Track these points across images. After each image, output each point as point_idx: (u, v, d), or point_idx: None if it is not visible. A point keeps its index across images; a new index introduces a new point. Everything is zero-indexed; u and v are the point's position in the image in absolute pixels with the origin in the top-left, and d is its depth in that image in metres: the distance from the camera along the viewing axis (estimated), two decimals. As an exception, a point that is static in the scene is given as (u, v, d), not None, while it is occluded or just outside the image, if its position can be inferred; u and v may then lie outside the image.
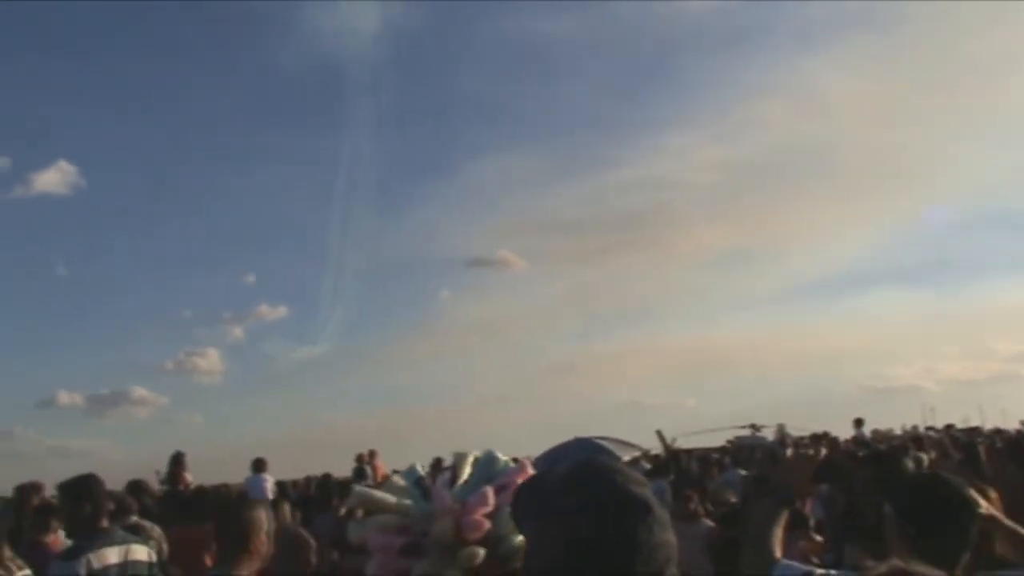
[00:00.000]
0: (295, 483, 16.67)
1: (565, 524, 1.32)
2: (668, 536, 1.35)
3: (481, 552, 2.58)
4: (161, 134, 47.31)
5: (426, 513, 2.71)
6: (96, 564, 4.21)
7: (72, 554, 4.27)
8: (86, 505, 4.41)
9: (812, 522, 7.00)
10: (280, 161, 48.25)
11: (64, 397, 37.95)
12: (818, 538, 6.15)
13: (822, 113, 49.77)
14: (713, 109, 52.07)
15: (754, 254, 54.04)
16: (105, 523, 4.46)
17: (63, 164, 38.09)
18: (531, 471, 2.80)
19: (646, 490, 1.38)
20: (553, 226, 51.04)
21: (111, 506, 4.75)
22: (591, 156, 53.69)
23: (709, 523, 8.40)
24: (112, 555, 4.29)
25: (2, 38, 43.61)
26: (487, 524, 2.61)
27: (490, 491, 2.67)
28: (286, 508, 9.42)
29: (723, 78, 52.52)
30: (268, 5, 45.67)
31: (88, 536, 4.38)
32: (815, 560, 5.56)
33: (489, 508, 2.63)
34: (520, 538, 2.69)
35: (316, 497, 13.50)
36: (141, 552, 4.47)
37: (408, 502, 2.78)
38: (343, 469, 16.07)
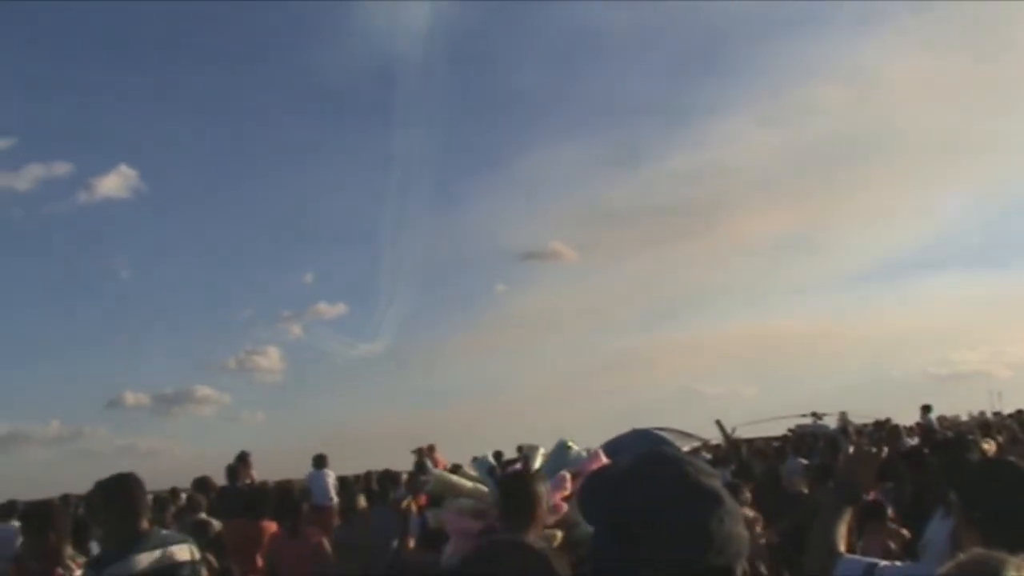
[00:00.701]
0: (356, 477, 16.83)
1: (635, 516, 1.32)
2: (739, 528, 1.35)
3: (559, 535, 2.61)
4: (218, 136, 48.24)
5: (503, 498, 2.74)
6: (127, 571, 4.09)
7: (100, 563, 4.20)
8: (119, 507, 4.29)
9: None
10: (336, 160, 48.92)
11: (131, 397, 38.94)
12: (904, 532, 5.97)
13: (879, 95, 49.01)
14: (767, 94, 51.53)
15: (813, 239, 53.30)
16: (143, 525, 4.31)
17: (124, 168, 39.11)
18: (604, 459, 2.82)
19: (716, 481, 1.38)
20: (607, 216, 50.95)
21: (145, 507, 4.44)
22: (644, 145, 53.44)
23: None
24: (142, 561, 4.14)
25: (63, 48, 44.62)
26: (564, 507, 2.64)
27: (567, 476, 2.69)
28: (361, 500, 9.53)
29: (777, 63, 51.88)
30: (321, 8, 46.12)
31: (121, 542, 4.26)
32: (894, 549, 5.43)
33: (567, 492, 2.66)
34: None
35: (378, 491, 13.64)
36: (181, 553, 4.32)
37: (484, 487, 2.82)
38: (402, 463, 16.23)
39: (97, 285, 46.61)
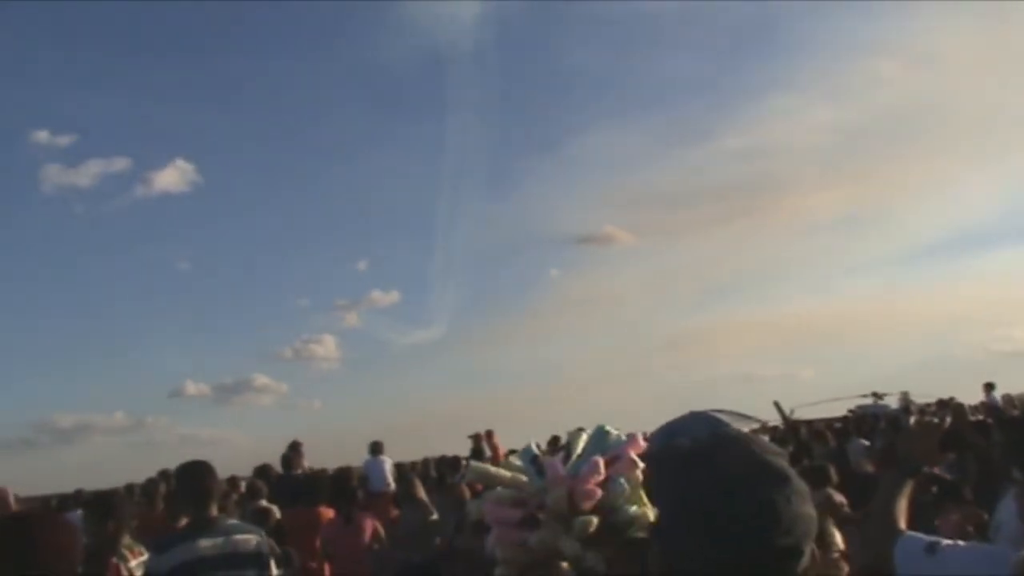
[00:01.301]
0: (413, 464, 16.99)
1: (701, 496, 1.29)
2: (808, 508, 1.32)
3: (595, 521, 2.58)
4: (271, 128, 48.75)
5: (541, 487, 2.73)
6: (187, 557, 4.13)
7: (163, 547, 4.23)
8: (188, 493, 4.38)
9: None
10: (387, 148, 49.02)
11: (192, 387, 39.51)
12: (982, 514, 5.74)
13: (937, 69, 47.43)
14: (821, 70, 50.30)
15: (870, 217, 52.10)
16: (212, 511, 4.35)
17: (180, 162, 39.50)
18: (642, 443, 2.78)
19: (783, 460, 1.35)
20: (660, 198, 50.40)
21: (217, 494, 4.56)
22: (697, 125, 52.58)
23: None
24: (207, 547, 4.19)
25: (118, 43, 45.41)
26: (599, 493, 2.61)
27: (600, 460, 2.66)
28: (418, 486, 9.61)
29: (830, 38, 50.59)
30: (371, -2, 46.28)
31: (190, 526, 4.34)
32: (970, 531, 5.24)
33: (600, 477, 2.63)
34: (634, 508, 2.68)
35: (436, 478, 13.75)
36: (247, 543, 4.34)
37: (523, 477, 2.81)
38: (460, 450, 16.33)
39: (157, 278, 47.44)
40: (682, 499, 1.32)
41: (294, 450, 12.32)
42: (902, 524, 2.57)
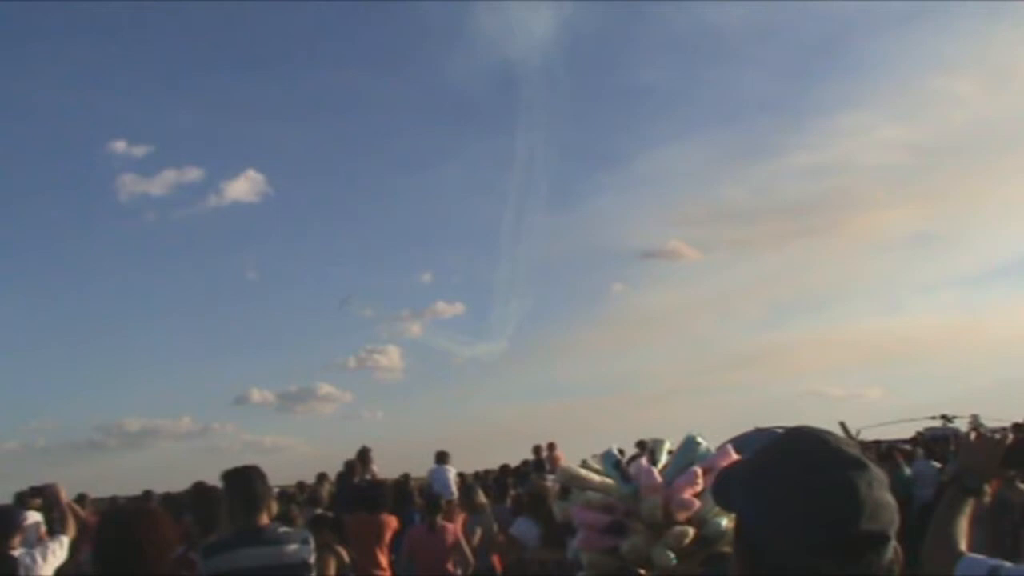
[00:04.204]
0: (476, 474, 17.01)
1: (779, 487, 1.27)
2: (888, 496, 1.29)
3: (691, 531, 2.55)
4: (340, 140, 49.45)
5: (631, 492, 2.71)
6: (226, 566, 4.04)
7: (208, 553, 4.15)
8: (237, 499, 4.25)
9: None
10: (454, 161, 49.46)
11: (257, 395, 40.16)
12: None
13: (1012, 87, 46.45)
14: (892, 88, 49.54)
15: (942, 236, 50.86)
16: (262, 519, 4.23)
17: (252, 173, 40.26)
18: (734, 455, 2.75)
19: (857, 450, 1.32)
20: (726, 215, 49.89)
21: (267, 501, 4.37)
22: (765, 142, 52.15)
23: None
24: (250, 557, 4.10)
25: (194, 58, 46.57)
26: (696, 503, 2.58)
27: (699, 471, 2.63)
28: (480, 495, 9.66)
29: (902, 55, 49.72)
30: (438, 12, 46.84)
31: (237, 533, 4.24)
32: None
33: (697, 488, 2.60)
34: (724, 521, 2.65)
35: (497, 487, 13.75)
36: (291, 553, 4.23)
37: (611, 481, 2.79)
38: (521, 461, 16.31)
39: (226, 286, 48.36)
40: (760, 493, 1.30)
41: (362, 457, 12.43)
42: (962, 545, 2.47)
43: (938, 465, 13.90)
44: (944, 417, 26.91)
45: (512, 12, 43.14)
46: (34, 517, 7.72)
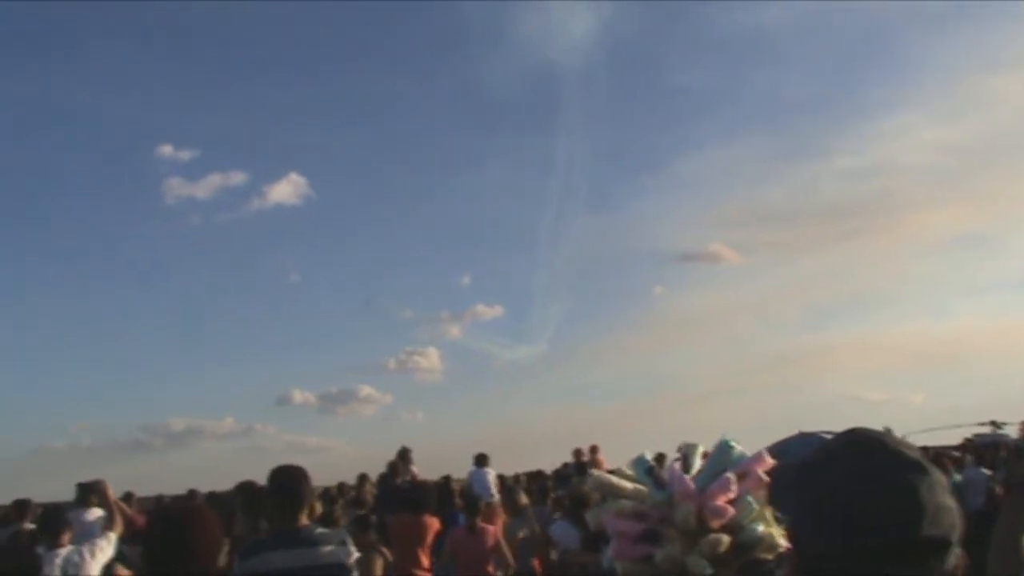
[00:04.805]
0: (517, 477, 17.04)
1: (839, 491, 1.24)
2: (950, 500, 1.25)
3: (726, 539, 2.53)
4: (382, 143, 49.66)
5: (664, 499, 2.69)
6: (261, 567, 4.05)
7: (245, 554, 4.15)
8: (277, 499, 4.28)
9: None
10: (495, 164, 49.56)
11: (298, 396, 40.46)
12: None
13: (1063, 85, 45.45)
14: (937, 88, 48.55)
15: (988, 238, 49.73)
16: (300, 519, 4.22)
17: (294, 176, 40.68)
18: (769, 460, 2.72)
19: (917, 453, 1.29)
20: (767, 217, 49.36)
21: (308, 502, 4.33)
22: (806, 144, 51.37)
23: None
24: (284, 559, 4.08)
25: (239, 63, 47.20)
26: (731, 511, 2.56)
27: (732, 477, 2.61)
28: (522, 497, 9.69)
29: (947, 56, 48.68)
30: (478, 14, 47.02)
31: (274, 534, 4.26)
32: None
33: (732, 495, 2.57)
34: (761, 528, 2.63)
35: (538, 489, 13.76)
36: (329, 555, 4.18)
37: (644, 488, 2.77)
38: (560, 464, 16.29)
39: (268, 288, 48.85)
40: (819, 497, 1.26)
41: (403, 457, 12.51)
42: None
43: (988, 472, 13.64)
44: (993, 423, 26.39)
45: (552, 14, 43.14)
46: (97, 514, 7.87)
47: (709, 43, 47.41)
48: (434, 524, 8.71)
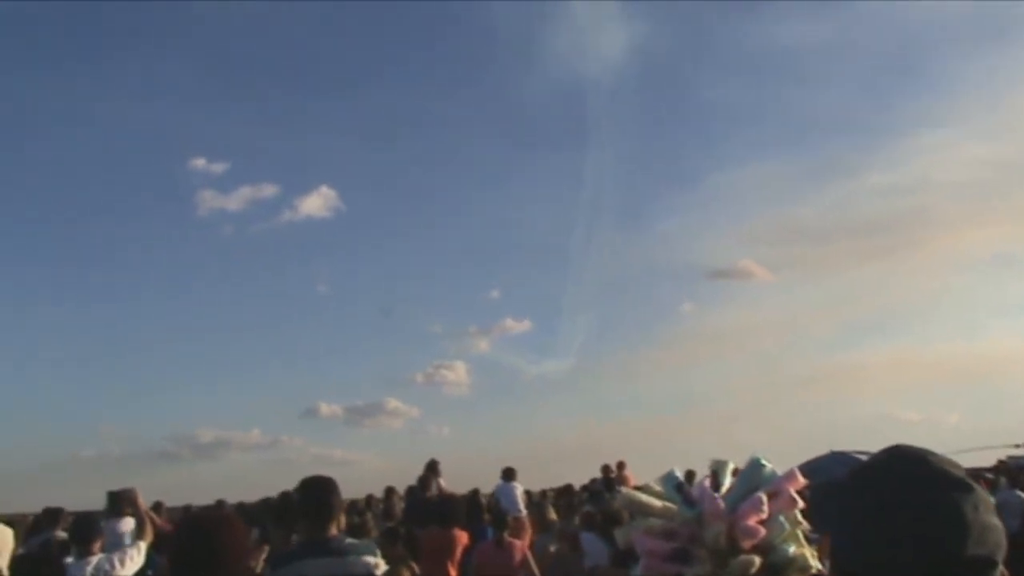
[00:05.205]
0: (543, 492, 16.99)
1: (881, 508, 1.22)
2: (995, 519, 1.24)
3: (757, 561, 2.49)
4: (412, 156, 50.13)
5: (694, 518, 2.66)
6: None
7: (276, 564, 4.18)
8: (308, 509, 4.28)
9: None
10: (524, 179, 49.81)
11: (325, 408, 40.66)
12: None
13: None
14: (974, 106, 48.07)
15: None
16: (331, 530, 4.24)
17: (325, 189, 41.08)
18: (801, 479, 2.69)
19: (961, 471, 1.27)
20: (799, 234, 49.09)
21: (337, 513, 4.34)
22: (839, 161, 50.91)
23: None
24: (315, 569, 4.08)
25: (272, 77, 47.80)
26: (762, 531, 2.53)
27: (764, 496, 2.58)
28: (551, 512, 9.66)
29: (984, 73, 48.18)
30: (510, 30, 47.25)
31: (304, 544, 4.29)
32: None
33: (764, 515, 2.54)
34: (792, 548, 2.60)
35: (564, 505, 13.72)
36: (357, 565, 4.20)
37: (673, 506, 2.74)
38: (587, 479, 16.24)
39: (297, 300, 49.31)
40: (862, 514, 1.25)
41: (432, 470, 12.51)
42: None
43: (1022, 494, 13.43)
44: (1028, 445, 25.95)
45: (583, 30, 43.36)
46: (128, 523, 7.92)
47: (740, 59, 47.44)
48: (463, 538, 8.70)
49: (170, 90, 46.32)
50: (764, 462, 2.83)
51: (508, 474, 13.91)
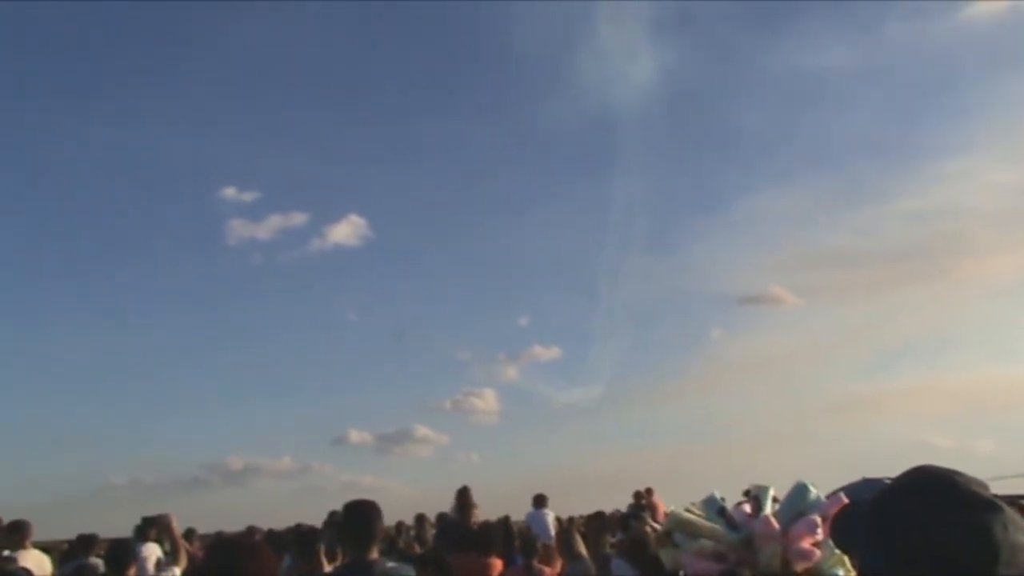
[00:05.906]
0: (571, 519, 16.88)
1: (911, 528, 1.23)
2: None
3: (808, 583, 2.49)
4: (441, 185, 50.63)
5: (743, 540, 2.65)
6: None
7: None
8: (352, 533, 4.33)
9: None
10: (553, 206, 50.08)
11: (355, 435, 40.91)
12: None
13: None
14: (1003, 130, 47.98)
15: (1063, 282, 48.81)
16: (372, 554, 4.27)
17: (354, 217, 41.64)
18: (846, 502, 2.68)
19: (989, 491, 1.27)
20: (828, 260, 48.89)
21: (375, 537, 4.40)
22: (868, 187, 50.90)
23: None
24: None
25: (300, 107, 48.35)
26: (818, 554, 2.51)
27: (819, 519, 2.56)
28: (579, 540, 9.58)
29: (1012, 97, 48.15)
30: (538, 58, 47.66)
31: (346, 567, 4.36)
32: None
33: (818, 537, 2.53)
34: (843, 572, 2.58)
35: (592, 533, 13.61)
36: None
37: (720, 528, 2.73)
38: (617, 506, 16.12)
39: (327, 327, 49.62)
40: (886, 536, 1.25)
41: (463, 495, 12.48)
42: None
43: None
44: (1065, 471, 25.53)
45: (611, 57, 43.61)
46: (152, 549, 7.97)
47: (768, 85, 47.57)
48: (498, 566, 8.65)
49: (201, 120, 47.13)
50: (810, 487, 2.82)
51: (539, 501, 13.84)
